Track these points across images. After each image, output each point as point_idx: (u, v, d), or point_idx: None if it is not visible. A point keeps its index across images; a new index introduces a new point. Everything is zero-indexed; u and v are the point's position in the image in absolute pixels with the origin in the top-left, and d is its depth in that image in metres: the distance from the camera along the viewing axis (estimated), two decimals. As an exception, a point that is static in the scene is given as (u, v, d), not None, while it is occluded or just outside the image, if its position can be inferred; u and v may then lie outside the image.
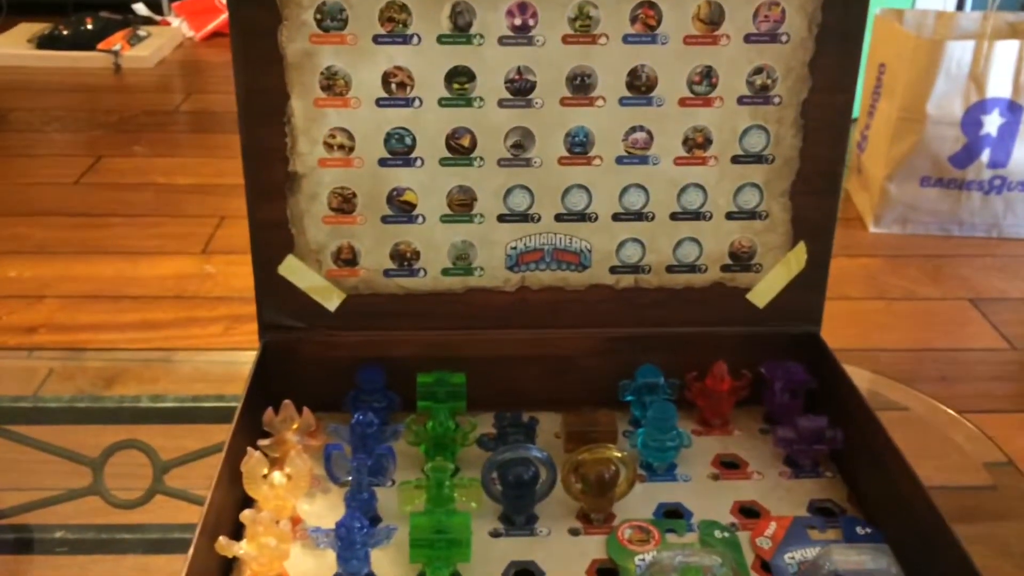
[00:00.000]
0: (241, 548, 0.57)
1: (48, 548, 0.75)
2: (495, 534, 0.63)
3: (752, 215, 0.72)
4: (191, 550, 0.53)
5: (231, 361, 1.03)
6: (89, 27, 2.95)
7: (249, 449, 0.62)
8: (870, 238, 1.96)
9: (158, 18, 3.23)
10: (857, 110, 2.09)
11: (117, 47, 2.89)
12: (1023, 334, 1.61)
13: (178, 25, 3.17)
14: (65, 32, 2.92)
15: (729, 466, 0.70)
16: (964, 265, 1.84)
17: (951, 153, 1.87)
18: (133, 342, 1.56)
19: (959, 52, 1.80)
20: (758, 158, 0.70)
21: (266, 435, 0.67)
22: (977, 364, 1.54)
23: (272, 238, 0.70)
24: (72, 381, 1.08)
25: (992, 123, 1.84)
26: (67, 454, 0.81)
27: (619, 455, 0.63)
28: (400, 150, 0.68)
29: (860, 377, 0.91)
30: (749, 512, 0.65)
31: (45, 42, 2.91)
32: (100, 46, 2.90)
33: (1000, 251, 1.88)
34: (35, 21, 3.06)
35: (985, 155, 1.86)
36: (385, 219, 0.70)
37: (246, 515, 0.58)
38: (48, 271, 1.77)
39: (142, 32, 3.01)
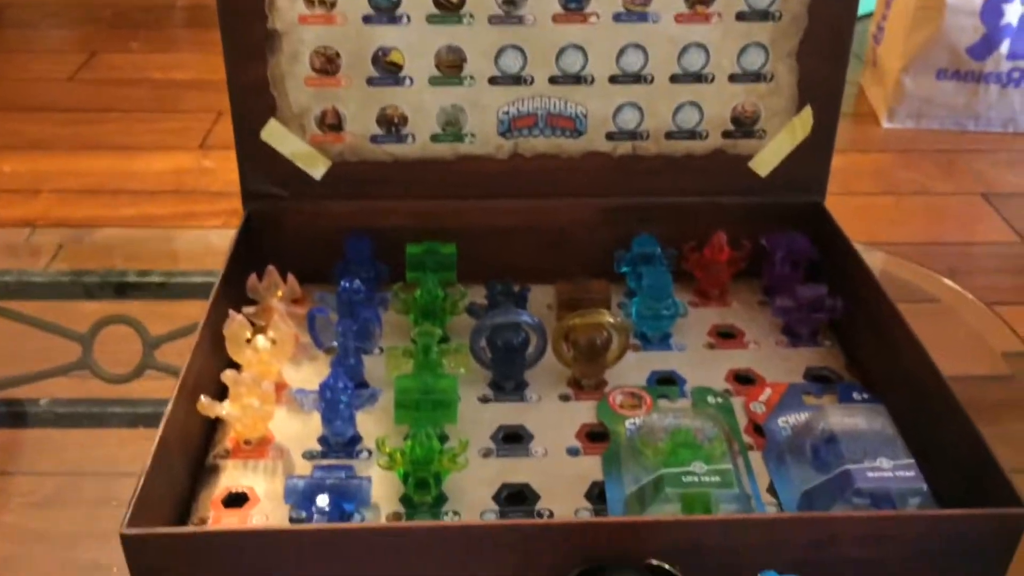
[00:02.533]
0: (224, 409, 0.56)
1: (38, 422, 0.75)
2: (484, 399, 0.62)
3: (756, 77, 0.68)
4: (168, 407, 0.52)
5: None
6: (81, -80, 2.85)
7: (231, 312, 0.60)
8: (883, 133, 1.90)
9: (152, -89, 3.11)
10: (873, 2, 2.02)
11: (110, -59, 2.79)
12: (1035, 228, 1.57)
13: (173, -82, 3.05)
14: (56, -75, 2.82)
15: (725, 336, 0.68)
16: (978, 160, 1.79)
17: (969, 44, 1.80)
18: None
19: (982, -64, 1.72)
20: (764, 15, 0.66)
21: (251, 304, 0.66)
22: (986, 257, 1.51)
23: (253, 102, 0.67)
24: (70, 259, 1.05)
25: (1013, 13, 1.77)
26: (56, 329, 0.80)
27: (612, 321, 0.62)
28: (385, 6, 0.65)
29: (873, 258, 0.89)
30: (744, 379, 0.64)
31: (36, -64, 2.82)
32: (93, -60, 2.81)
33: (1016, 146, 1.83)
34: (26, -86, 2.95)
35: (1004, 46, 1.80)
36: (371, 81, 0.67)
37: (228, 375, 0.56)
38: (44, 166, 1.74)
39: (135, -75, 2.91)
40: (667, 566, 0.44)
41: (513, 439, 0.59)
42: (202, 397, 0.55)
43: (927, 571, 0.47)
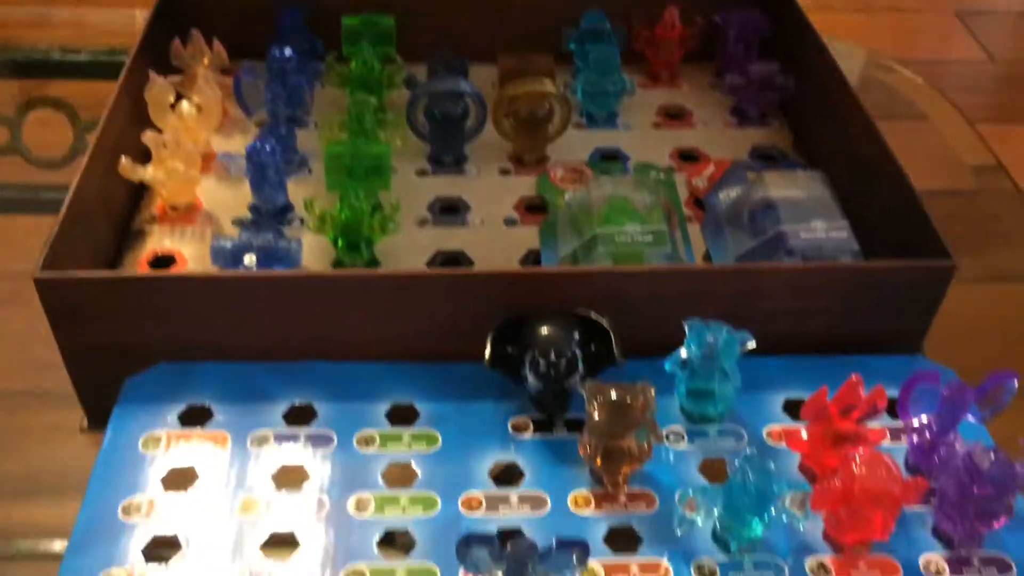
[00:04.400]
0: (148, 172, 0.54)
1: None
2: (422, 173, 0.60)
3: None
4: (84, 162, 0.50)
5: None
6: None
7: (152, 73, 0.57)
8: (860, -51, 1.83)
9: None
10: None
11: None
12: (1005, 47, 1.54)
13: None
14: None
15: (673, 116, 0.66)
16: (955, -23, 1.73)
17: None
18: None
19: None
20: None
21: (177, 74, 0.63)
22: (955, 76, 1.48)
23: None
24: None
25: None
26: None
27: (554, 92, 0.59)
28: None
29: (853, 60, 0.86)
30: (689, 156, 0.62)
31: None
32: None
33: (995, -37, 1.77)
34: None
35: None
36: None
37: (148, 136, 0.54)
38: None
39: None
40: (594, 315, 0.44)
41: (450, 210, 0.57)
42: (123, 158, 0.53)
43: (853, 323, 0.47)
